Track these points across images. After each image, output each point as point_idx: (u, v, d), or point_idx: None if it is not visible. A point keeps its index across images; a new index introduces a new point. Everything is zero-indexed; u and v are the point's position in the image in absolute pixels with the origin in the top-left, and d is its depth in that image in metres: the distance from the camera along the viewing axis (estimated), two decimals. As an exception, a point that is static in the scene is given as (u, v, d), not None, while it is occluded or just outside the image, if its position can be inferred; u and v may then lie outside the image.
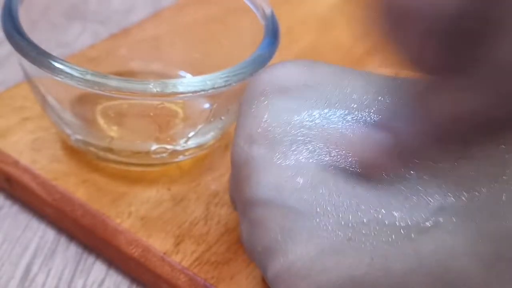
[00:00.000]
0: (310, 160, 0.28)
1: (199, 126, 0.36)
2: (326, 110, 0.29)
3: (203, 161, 0.38)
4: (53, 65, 0.33)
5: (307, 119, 0.29)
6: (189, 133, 0.37)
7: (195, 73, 0.40)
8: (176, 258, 0.34)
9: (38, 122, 0.39)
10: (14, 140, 0.38)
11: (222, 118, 0.36)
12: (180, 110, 0.37)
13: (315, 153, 0.28)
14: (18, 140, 0.38)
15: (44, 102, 0.36)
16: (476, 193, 0.27)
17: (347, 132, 0.29)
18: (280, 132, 0.29)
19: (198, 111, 0.37)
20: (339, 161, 0.28)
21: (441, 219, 0.27)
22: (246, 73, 0.34)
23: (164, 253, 0.34)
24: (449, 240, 0.27)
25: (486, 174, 0.28)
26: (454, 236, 0.27)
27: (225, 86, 0.34)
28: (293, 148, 0.29)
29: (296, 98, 0.30)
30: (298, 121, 0.29)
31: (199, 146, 0.37)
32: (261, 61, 0.35)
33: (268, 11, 0.38)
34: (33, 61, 0.33)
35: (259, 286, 0.33)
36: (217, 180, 0.37)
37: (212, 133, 0.37)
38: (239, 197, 0.30)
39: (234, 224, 0.35)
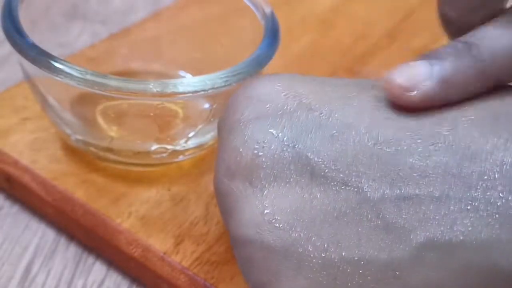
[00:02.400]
0: (289, 194, 0.27)
1: (199, 126, 0.36)
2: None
3: (203, 161, 0.38)
4: (53, 65, 0.33)
5: (285, 148, 0.27)
6: (189, 133, 0.37)
7: (195, 73, 0.40)
8: (176, 258, 0.34)
9: (38, 122, 0.39)
10: (14, 140, 0.38)
11: (222, 118, 0.36)
12: (180, 110, 0.37)
13: (294, 186, 0.27)
14: (18, 140, 0.38)
15: (44, 102, 0.36)
16: (460, 228, 0.26)
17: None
18: (258, 165, 0.27)
19: (198, 111, 0.37)
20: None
21: (424, 255, 0.26)
22: (246, 73, 0.34)
23: (164, 253, 0.34)
24: (435, 276, 0.26)
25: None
26: (439, 271, 0.26)
27: (225, 86, 0.34)
28: (271, 183, 0.27)
29: (276, 124, 0.28)
30: (276, 151, 0.27)
31: (199, 146, 0.37)
32: (261, 61, 0.35)
33: (268, 11, 0.38)
34: (33, 61, 0.33)
35: (259, 286, 0.33)
36: (217, 180, 0.37)
37: (212, 133, 0.37)
38: (226, 227, 0.29)
39: (234, 224, 0.35)
